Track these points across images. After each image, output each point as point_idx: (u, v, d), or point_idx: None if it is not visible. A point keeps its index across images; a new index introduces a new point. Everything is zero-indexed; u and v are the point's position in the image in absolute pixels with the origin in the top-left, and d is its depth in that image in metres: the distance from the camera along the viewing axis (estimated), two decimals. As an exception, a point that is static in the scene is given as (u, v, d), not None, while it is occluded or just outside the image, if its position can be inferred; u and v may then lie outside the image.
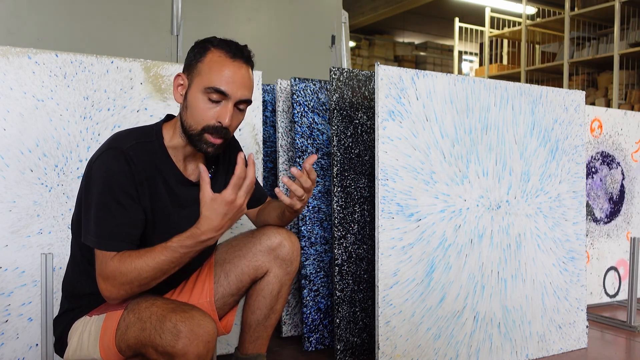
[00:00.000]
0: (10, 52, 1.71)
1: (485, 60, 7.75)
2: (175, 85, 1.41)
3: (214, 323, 1.25)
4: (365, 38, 10.49)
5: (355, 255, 2.09)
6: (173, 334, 1.20)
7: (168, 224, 1.40)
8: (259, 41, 3.93)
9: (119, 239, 1.29)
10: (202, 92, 1.34)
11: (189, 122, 1.36)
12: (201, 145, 1.37)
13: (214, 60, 1.36)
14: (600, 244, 2.95)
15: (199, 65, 1.37)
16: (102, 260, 1.28)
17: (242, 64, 1.37)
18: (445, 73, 2.02)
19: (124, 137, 1.37)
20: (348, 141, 2.09)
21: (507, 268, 2.09)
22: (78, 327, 1.40)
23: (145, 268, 1.26)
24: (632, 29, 5.93)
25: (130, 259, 1.27)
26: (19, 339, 1.72)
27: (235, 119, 1.39)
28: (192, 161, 1.46)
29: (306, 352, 2.17)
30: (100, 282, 1.29)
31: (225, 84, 1.34)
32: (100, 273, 1.28)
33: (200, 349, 1.20)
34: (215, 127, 1.35)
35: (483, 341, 2.03)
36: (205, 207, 1.25)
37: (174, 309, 1.24)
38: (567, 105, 2.26)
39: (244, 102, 1.38)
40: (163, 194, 1.39)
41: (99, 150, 1.36)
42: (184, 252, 1.28)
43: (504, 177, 2.10)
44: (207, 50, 1.37)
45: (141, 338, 1.26)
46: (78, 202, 1.40)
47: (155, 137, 1.40)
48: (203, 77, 1.35)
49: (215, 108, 1.35)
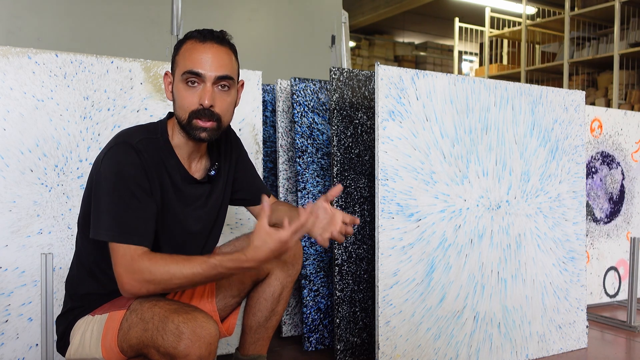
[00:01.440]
0: (10, 52, 1.71)
1: (485, 60, 7.75)
2: (166, 85, 1.44)
3: (216, 325, 1.25)
4: (365, 38, 10.49)
5: (355, 255, 2.09)
6: (175, 335, 1.20)
7: (174, 220, 1.41)
8: (259, 41, 3.93)
9: (138, 233, 1.28)
10: (181, 81, 1.36)
11: (179, 113, 1.38)
12: (194, 132, 1.36)
13: (187, 48, 1.38)
14: (600, 244, 2.95)
15: (177, 58, 1.40)
16: (126, 254, 1.27)
17: (214, 44, 1.38)
18: (445, 73, 2.02)
19: (132, 133, 1.38)
20: (348, 141, 2.09)
21: (507, 268, 2.09)
22: (80, 326, 1.40)
23: (178, 275, 1.26)
24: (632, 29, 5.93)
25: (164, 262, 1.26)
26: (19, 339, 1.72)
27: (220, 99, 1.38)
28: (196, 158, 1.46)
29: (306, 352, 2.17)
30: (122, 275, 1.27)
31: (198, 64, 1.35)
32: (125, 266, 1.26)
33: (202, 351, 1.20)
34: (199, 110, 1.35)
35: (483, 341, 2.03)
36: (258, 238, 1.26)
37: (176, 310, 1.24)
38: (567, 105, 2.26)
39: (224, 79, 1.37)
40: (170, 189, 1.40)
41: (107, 146, 1.36)
42: (221, 272, 1.29)
43: (504, 177, 2.10)
44: (182, 43, 1.40)
45: (143, 338, 1.26)
46: (85, 200, 1.40)
47: (160, 134, 1.41)
48: (180, 66, 1.37)
49: (196, 92, 1.36)
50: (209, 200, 1.49)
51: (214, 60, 1.36)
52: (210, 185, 1.49)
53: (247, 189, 1.62)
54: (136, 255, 1.27)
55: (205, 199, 1.48)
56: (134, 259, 1.26)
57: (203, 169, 1.48)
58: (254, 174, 1.65)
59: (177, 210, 1.41)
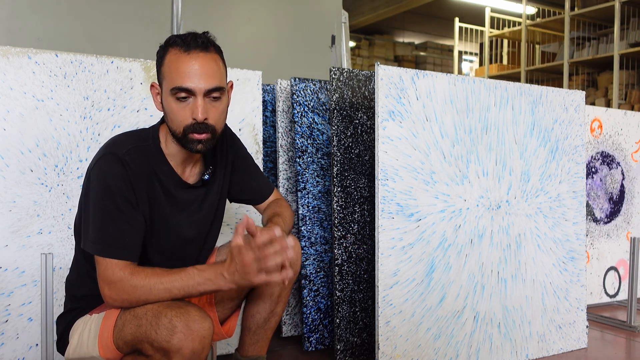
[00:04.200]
0: (10, 52, 1.71)
1: (485, 60, 7.75)
2: (154, 96, 1.40)
3: (210, 320, 1.25)
4: (365, 38, 10.49)
5: (355, 255, 2.09)
6: (168, 329, 1.20)
7: (166, 226, 1.40)
8: (259, 41, 3.93)
9: (120, 247, 1.29)
10: (170, 95, 1.32)
11: (172, 127, 1.35)
12: (190, 145, 1.34)
13: (171, 59, 1.32)
14: (600, 244, 2.95)
15: (162, 69, 1.34)
16: (107, 267, 1.28)
17: (199, 53, 1.32)
18: (445, 73, 2.02)
19: (120, 142, 1.36)
20: (348, 141, 2.09)
21: (507, 268, 2.09)
22: (79, 325, 1.41)
23: (158, 287, 1.26)
24: (632, 29, 5.93)
25: (145, 275, 1.27)
26: (19, 339, 1.72)
27: (213, 110, 1.34)
28: (190, 163, 1.44)
29: (306, 352, 2.17)
30: (104, 288, 1.29)
31: (187, 79, 1.30)
32: (105, 279, 1.28)
33: (195, 345, 1.20)
34: (194, 125, 1.32)
35: (483, 341, 2.03)
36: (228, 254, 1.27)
37: (169, 305, 1.25)
38: (567, 105, 2.26)
39: (214, 91, 1.33)
40: (161, 197, 1.38)
41: (96, 156, 1.35)
42: (199, 282, 1.27)
43: (504, 177, 2.10)
44: (165, 52, 1.35)
45: (137, 334, 1.26)
46: (79, 207, 1.40)
47: (152, 141, 1.39)
48: (167, 80, 1.32)
49: (187, 106, 1.31)
50: (203, 204, 1.47)
51: (202, 72, 1.31)
52: (205, 189, 1.47)
53: (248, 190, 1.61)
54: (117, 269, 1.27)
55: (199, 203, 1.46)
56: (114, 272, 1.27)
57: (197, 173, 1.46)
58: (254, 171, 1.63)
59: (170, 217, 1.40)
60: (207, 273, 1.28)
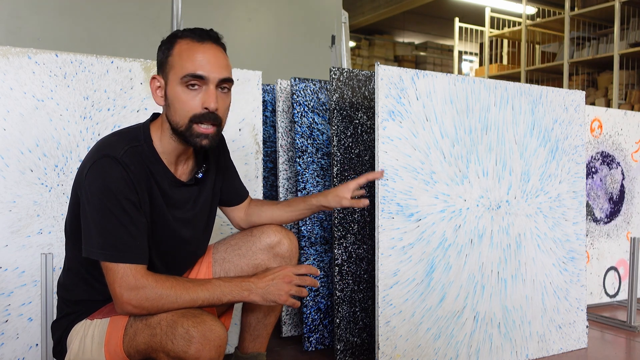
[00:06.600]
0: (10, 52, 1.71)
1: (485, 60, 7.76)
2: (154, 89, 1.36)
3: (224, 327, 1.25)
4: (365, 38, 10.49)
5: (355, 255, 2.09)
6: (185, 339, 1.19)
7: (165, 226, 1.39)
8: (259, 41, 3.93)
9: (133, 251, 1.26)
10: (180, 84, 1.30)
11: (176, 119, 1.32)
12: (194, 139, 1.32)
13: (182, 49, 1.31)
14: (600, 244, 2.95)
15: (170, 60, 1.32)
16: (126, 274, 1.24)
17: (212, 44, 1.33)
18: (445, 73, 2.02)
19: (114, 144, 1.31)
20: (348, 141, 2.09)
21: (507, 268, 2.09)
22: (79, 330, 1.37)
23: (184, 297, 1.28)
24: (632, 29, 5.93)
25: (170, 283, 1.27)
26: (19, 339, 1.72)
27: (222, 101, 1.33)
28: (183, 161, 1.42)
29: (306, 352, 2.17)
30: (122, 294, 1.24)
31: (201, 67, 1.29)
32: (126, 286, 1.24)
33: (212, 354, 1.20)
34: (203, 114, 1.30)
35: (483, 341, 2.03)
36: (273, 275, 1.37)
37: (184, 314, 1.24)
38: (567, 105, 2.26)
39: (225, 82, 1.33)
40: (158, 197, 1.36)
41: (89, 159, 1.30)
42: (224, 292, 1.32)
43: (504, 177, 2.10)
44: (174, 43, 1.33)
45: (152, 343, 1.25)
46: (70, 208, 1.36)
47: (144, 140, 1.36)
48: (177, 68, 1.30)
49: (197, 95, 1.30)
50: (197, 202, 1.46)
51: (215, 61, 1.31)
52: (198, 187, 1.46)
53: (232, 190, 1.61)
54: (139, 275, 1.25)
55: (194, 201, 1.45)
56: (137, 279, 1.24)
57: (189, 171, 1.44)
58: (235, 171, 1.63)
59: (168, 216, 1.39)
60: (233, 284, 1.31)
